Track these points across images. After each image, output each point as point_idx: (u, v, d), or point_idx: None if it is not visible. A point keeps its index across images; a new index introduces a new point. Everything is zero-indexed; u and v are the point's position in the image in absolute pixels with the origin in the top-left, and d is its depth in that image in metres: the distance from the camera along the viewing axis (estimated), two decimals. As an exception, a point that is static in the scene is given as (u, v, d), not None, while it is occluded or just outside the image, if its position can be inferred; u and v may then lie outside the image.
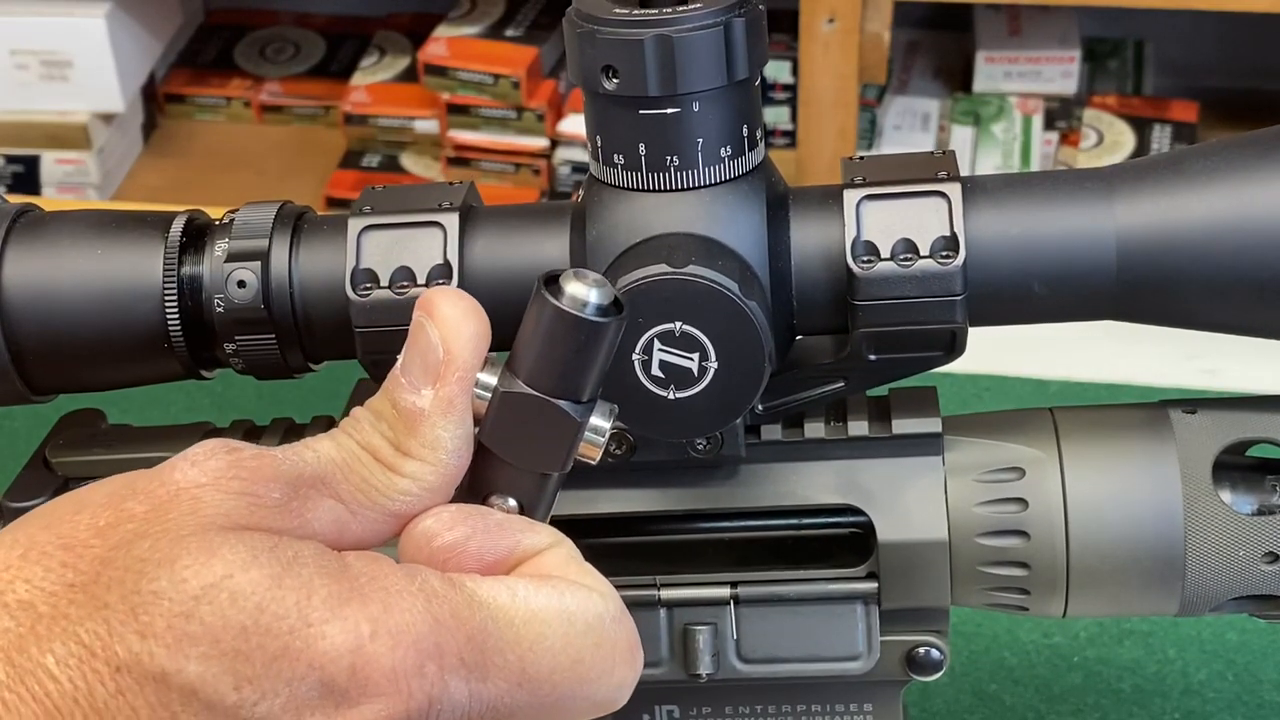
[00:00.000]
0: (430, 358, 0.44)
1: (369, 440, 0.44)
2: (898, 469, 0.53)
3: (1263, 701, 0.75)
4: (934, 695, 0.75)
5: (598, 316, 0.43)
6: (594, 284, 0.43)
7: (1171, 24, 1.96)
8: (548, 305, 0.43)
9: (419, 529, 0.43)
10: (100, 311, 0.52)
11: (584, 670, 0.42)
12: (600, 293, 0.43)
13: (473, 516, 0.44)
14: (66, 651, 0.38)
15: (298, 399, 0.67)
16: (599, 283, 0.43)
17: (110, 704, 0.38)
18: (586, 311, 0.42)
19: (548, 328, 0.43)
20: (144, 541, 0.39)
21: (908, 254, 0.49)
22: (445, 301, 0.44)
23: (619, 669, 0.43)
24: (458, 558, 0.43)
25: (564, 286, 0.43)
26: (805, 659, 0.54)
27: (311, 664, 0.39)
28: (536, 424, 0.44)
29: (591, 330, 0.43)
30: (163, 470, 0.41)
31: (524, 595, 0.42)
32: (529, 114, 1.94)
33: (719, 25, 0.47)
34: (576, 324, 0.43)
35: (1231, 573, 0.52)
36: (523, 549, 0.44)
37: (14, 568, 0.39)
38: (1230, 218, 0.48)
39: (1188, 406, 0.53)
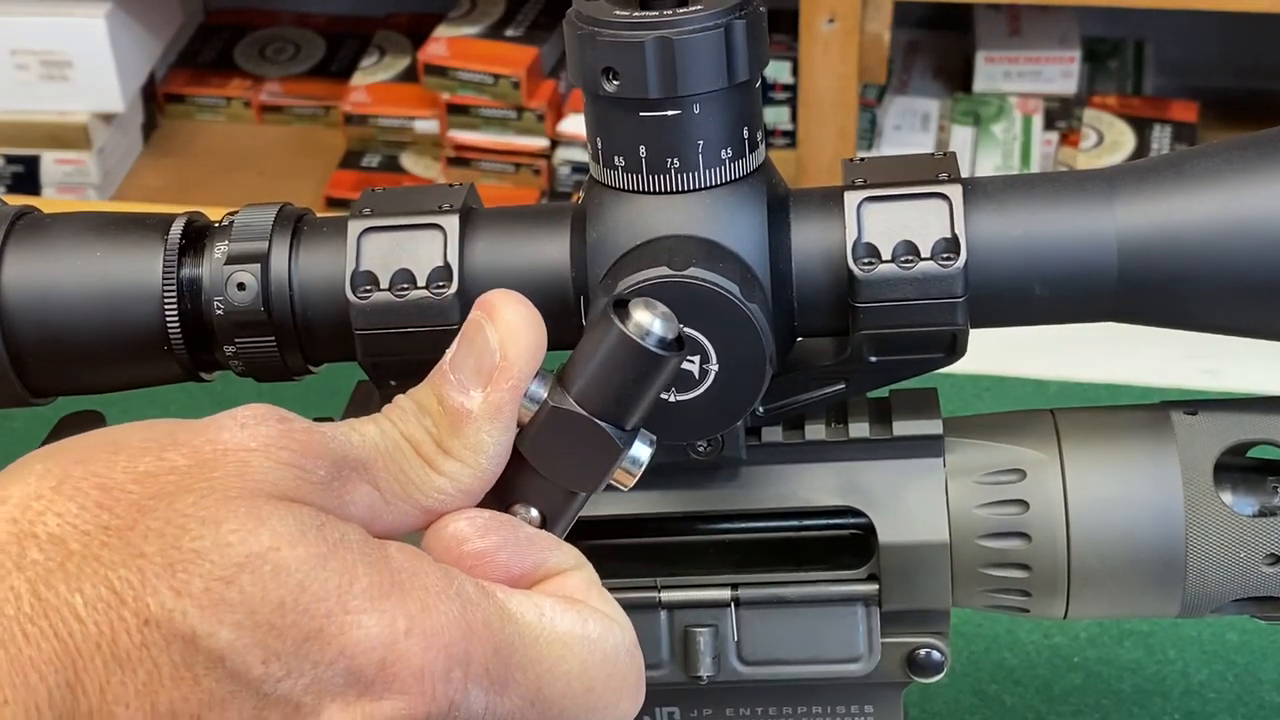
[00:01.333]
0: (486, 361, 0.43)
1: (412, 432, 0.43)
2: (898, 471, 0.53)
3: (1263, 702, 0.75)
4: (935, 696, 0.75)
5: (659, 349, 0.43)
6: (661, 316, 0.43)
7: (1171, 24, 1.96)
8: (614, 329, 0.43)
9: (449, 530, 0.43)
10: (100, 313, 0.52)
11: (594, 699, 0.43)
12: (665, 325, 0.43)
13: (505, 527, 0.44)
14: (95, 594, 0.37)
15: (297, 401, 0.67)
16: (666, 316, 0.43)
17: (132, 655, 0.37)
18: (648, 342, 0.43)
19: (609, 351, 0.43)
20: (188, 496, 0.39)
21: (909, 256, 0.49)
22: (508, 306, 0.44)
23: (624, 702, 0.43)
24: (485, 565, 0.43)
25: (632, 313, 0.43)
26: (806, 661, 0.54)
27: (343, 650, 0.39)
28: (579, 443, 0.44)
29: (653, 361, 0.43)
30: (208, 426, 0.41)
31: (550, 616, 0.42)
32: (529, 114, 1.94)
33: (719, 27, 0.47)
34: (639, 353, 0.43)
35: (1232, 574, 0.52)
36: (548, 567, 0.44)
37: (45, 499, 0.38)
38: (1231, 219, 0.48)
39: (1189, 408, 0.53)
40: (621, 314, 0.43)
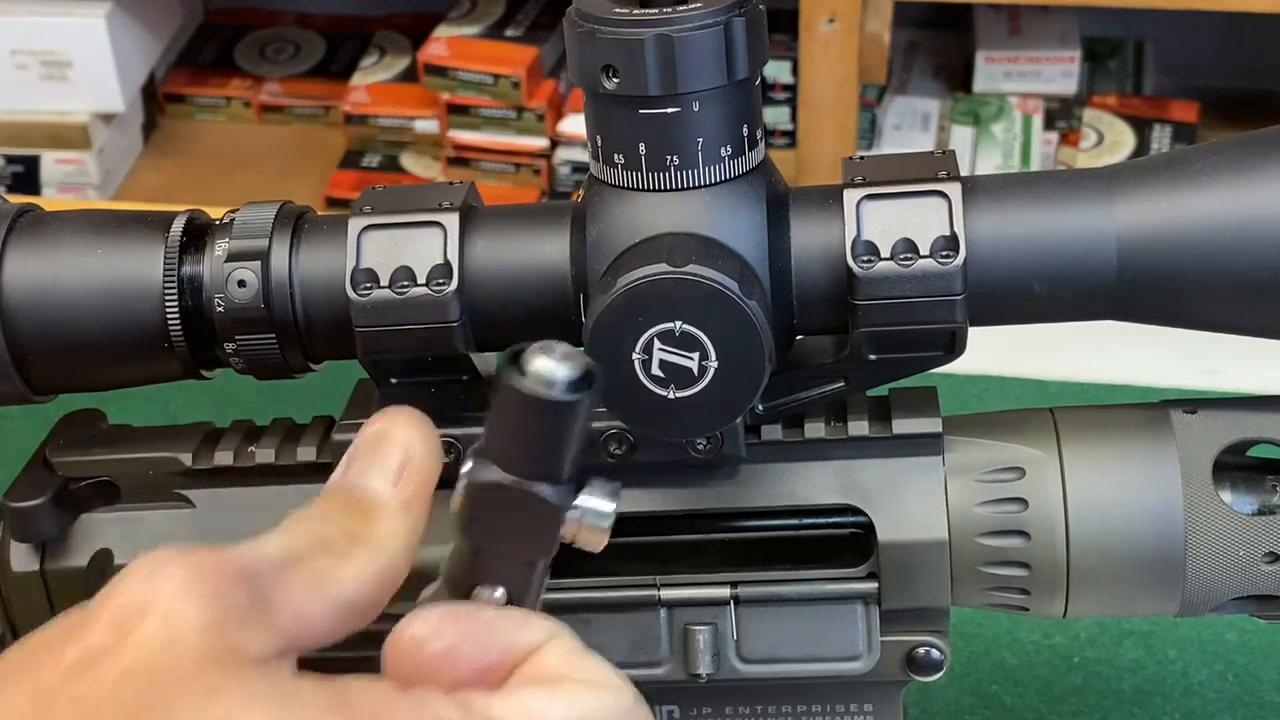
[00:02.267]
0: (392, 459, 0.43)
1: (319, 530, 0.42)
2: (898, 469, 0.53)
3: (1263, 702, 0.75)
4: (934, 696, 0.75)
5: (567, 394, 0.40)
6: (561, 359, 0.41)
7: (1172, 24, 1.96)
8: (514, 389, 0.40)
9: (406, 636, 0.41)
10: (100, 311, 0.52)
11: None
12: (568, 367, 0.41)
13: (461, 619, 0.41)
14: None
15: (298, 398, 0.67)
16: (567, 356, 0.41)
17: None
18: (555, 391, 0.40)
19: (516, 411, 0.41)
20: (127, 681, 0.36)
21: (908, 254, 0.49)
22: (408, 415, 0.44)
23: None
24: (452, 665, 0.41)
25: (529, 364, 0.41)
26: (805, 659, 0.54)
27: None
28: (515, 511, 0.42)
29: (562, 410, 0.40)
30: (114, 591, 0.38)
31: (538, 708, 0.40)
32: (529, 114, 1.94)
33: (719, 25, 0.47)
34: (545, 407, 0.40)
35: (1232, 573, 0.52)
36: (519, 648, 0.41)
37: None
38: (1231, 218, 0.48)
39: (1188, 406, 0.53)
40: (519, 368, 0.41)
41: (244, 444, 0.56)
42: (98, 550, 0.56)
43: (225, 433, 0.57)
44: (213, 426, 0.58)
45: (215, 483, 0.56)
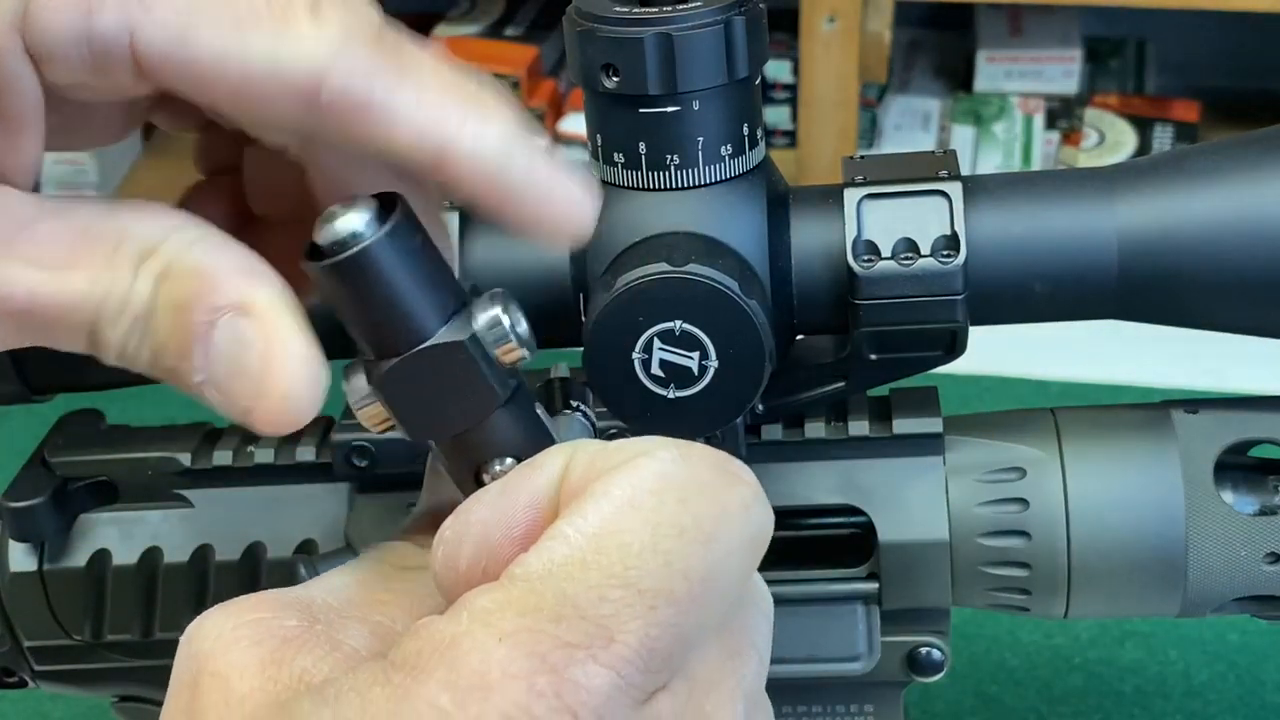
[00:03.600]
0: None
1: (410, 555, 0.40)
2: (898, 469, 0.53)
3: (1265, 703, 0.75)
4: (935, 696, 0.75)
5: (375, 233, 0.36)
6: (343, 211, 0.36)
7: (1173, 24, 1.96)
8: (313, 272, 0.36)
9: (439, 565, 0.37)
10: (99, 311, 0.51)
11: (695, 533, 0.35)
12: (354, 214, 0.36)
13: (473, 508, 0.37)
14: None
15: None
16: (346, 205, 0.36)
17: None
18: (358, 246, 0.36)
19: (336, 293, 0.37)
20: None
21: (908, 253, 0.49)
22: None
23: (726, 496, 0.36)
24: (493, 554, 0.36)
25: (318, 241, 0.36)
26: (806, 659, 0.54)
27: None
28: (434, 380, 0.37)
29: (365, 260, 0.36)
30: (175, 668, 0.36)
31: (575, 531, 0.35)
32: (529, 114, 1.94)
33: (719, 23, 0.47)
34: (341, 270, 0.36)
35: (1233, 573, 0.52)
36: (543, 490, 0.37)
37: None
38: (1232, 217, 0.48)
39: (1189, 407, 0.53)
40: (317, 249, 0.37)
41: (243, 444, 0.56)
42: (96, 550, 0.56)
43: (224, 433, 0.57)
44: (211, 426, 0.58)
45: (214, 483, 0.56)
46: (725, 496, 0.36)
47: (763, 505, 0.37)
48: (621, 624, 0.33)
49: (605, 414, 0.51)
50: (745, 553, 0.36)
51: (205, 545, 0.56)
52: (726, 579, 0.35)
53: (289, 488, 0.55)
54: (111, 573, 0.56)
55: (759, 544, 0.36)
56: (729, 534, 0.35)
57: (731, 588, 0.36)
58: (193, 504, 0.56)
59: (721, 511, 0.35)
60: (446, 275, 0.38)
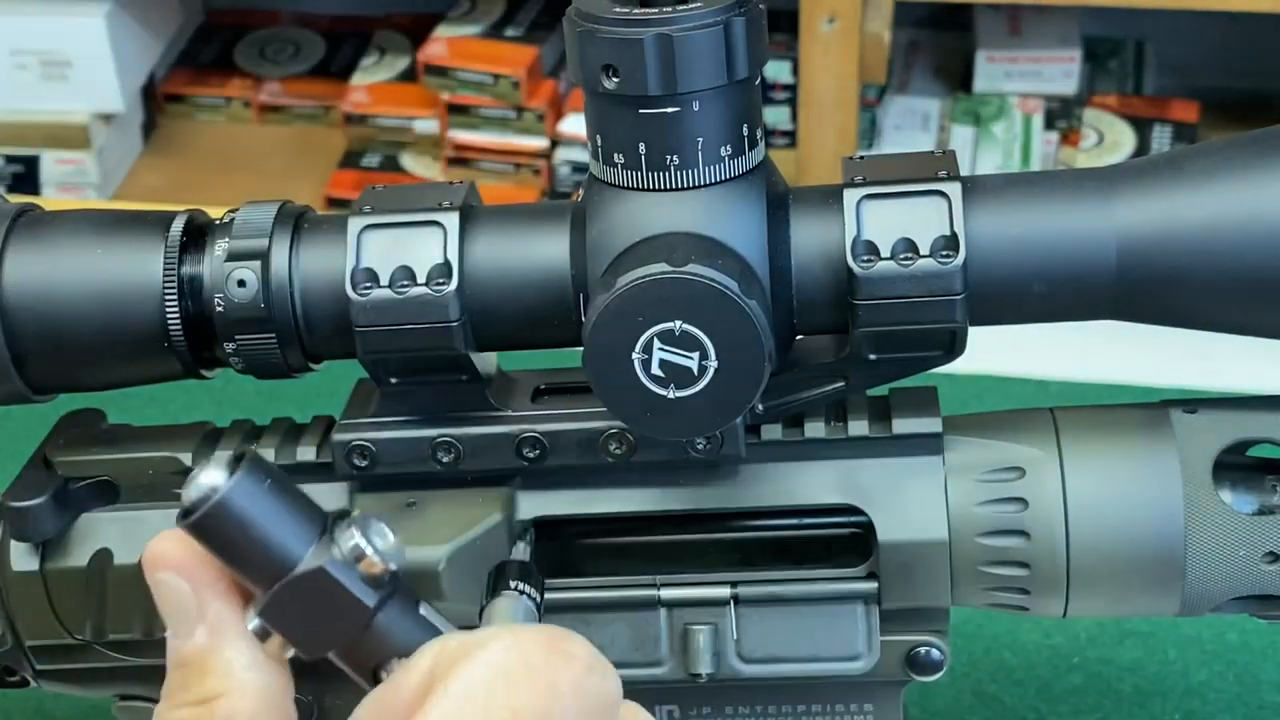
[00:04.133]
0: (182, 601, 0.42)
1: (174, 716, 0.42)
2: (898, 469, 0.53)
3: (1263, 702, 0.75)
4: (934, 695, 0.75)
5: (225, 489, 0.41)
6: (200, 473, 0.41)
7: (1172, 24, 1.96)
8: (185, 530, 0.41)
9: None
10: (100, 311, 0.52)
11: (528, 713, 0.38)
12: (209, 473, 0.41)
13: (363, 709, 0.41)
14: None
15: (298, 398, 0.67)
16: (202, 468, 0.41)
17: None
18: (215, 498, 0.41)
19: (209, 543, 0.42)
20: None
21: (908, 253, 0.49)
22: (161, 544, 0.43)
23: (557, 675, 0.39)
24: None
25: (184, 502, 0.41)
26: (805, 659, 0.54)
27: None
28: (308, 605, 0.42)
29: (221, 510, 0.41)
30: None
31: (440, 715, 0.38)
32: (529, 114, 1.94)
33: (719, 24, 0.47)
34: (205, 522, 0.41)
35: (1232, 572, 0.52)
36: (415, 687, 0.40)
37: None
38: (1230, 217, 0.48)
39: (1188, 406, 0.53)
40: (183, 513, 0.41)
41: (244, 444, 0.56)
42: (97, 550, 0.56)
43: (225, 432, 0.57)
44: (213, 426, 0.58)
45: (215, 482, 0.56)
46: (555, 676, 0.39)
47: (599, 674, 0.39)
48: None
49: (605, 413, 0.51)
50: (589, 714, 0.39)
51: (206, 545, 0.56)
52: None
53: (290, 487, 0.55)
54: (113, 572, 0.56)
55: (601, 707, 0.39)
56: (562, 710, 0.38)
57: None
58: (194, 503, 0.56)
59: (550, 690, 0.38)
60: (303, 507, 0.42)
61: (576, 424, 0.53)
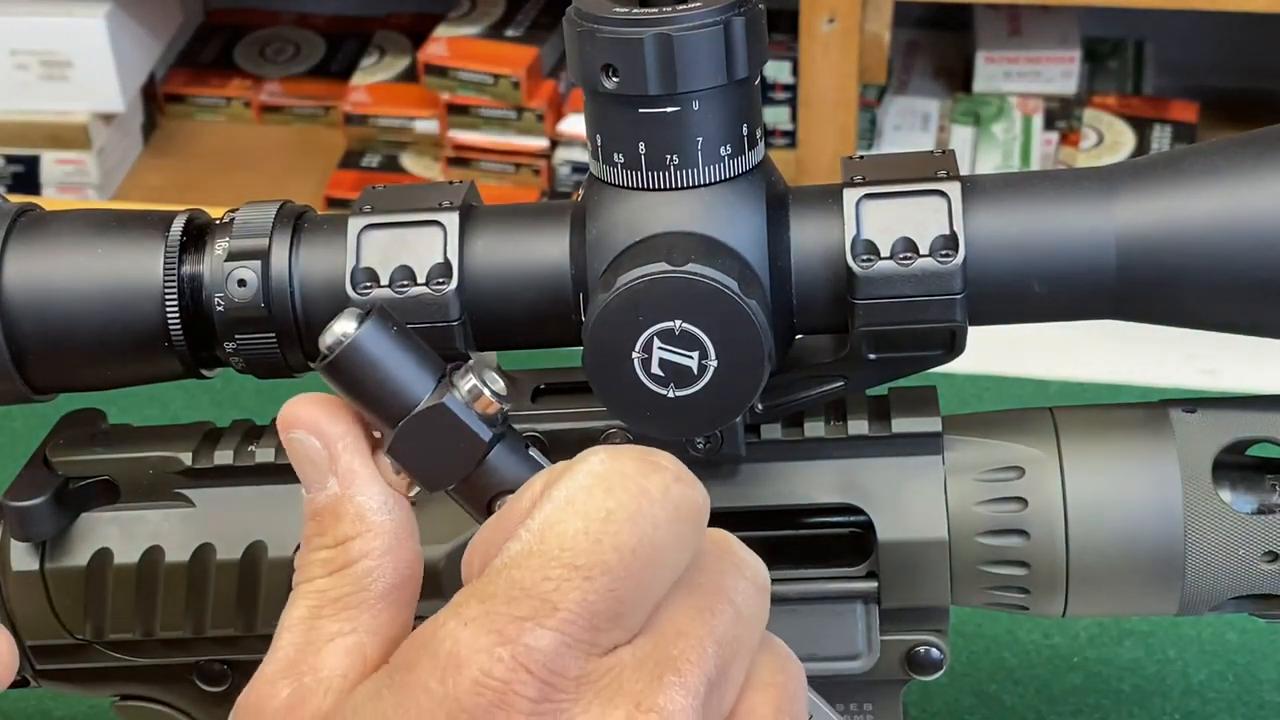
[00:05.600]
0: (314, 456, 0.46)
1: (311, 569, 0.45)
2: (897, 468, 0.53)
3: (1263, 702, 0.75)
4: (934, 695, 0.75)
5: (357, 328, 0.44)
6: (332, 323, 0.44)
7: (1172, 24, 1.96)
8: (322, 373, 0.45)
9: (462, 574, 0.44)
10: (101, 311, 0.52)
11: (620, 514, 0.41)
12: (341, 323, 0.44)
13: (482, 529, 0.44)
14: None
15: (298, 398, 0.67)
16: (335, 319, 0.45)
17: None
18: (346, 342, 0.44)
19: (341, 386, 0.45)
20: None
21: (907, 253, 0.49)
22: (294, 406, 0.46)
23: (647, 482, 0.41)
24: None
25: (321, 348, 0.45)
26: (805, 658, 0.54)
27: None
28: (429, 441, 0.45)
29: (352, 353, 0.44)
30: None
31: (526, 529, 0.41)
32: (529, 114, 1.94)
33: (719, 24, 0.47)
34: (338, 364, 0.44)
35: (1231, 572, 0.52)
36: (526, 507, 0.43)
37: None
38: (1230, 217, 0.48)
39: (1188, 406, 0.53)
40: (319, 356, 0.45)
41: (244, 443, 0.56)
42: (98, 549, 0.56)
43: (225, 432, 0.57)
44: (213, 426, 0.58)
45: (215, 482, 0.56)
46: (645, 482, 0.41)
47: (684, 483, 0.42)
48: (562, 596, 0.40)
49: (605, 413, 0.51)
50: (674, 523, 0.41)
51: (206, 544, 0.56)
52: (658, 547, 0.41)
53: (290, 487, 0.55)
54: (112, 572, 0.56)
55: (686, 514, 0.42)
56: (652, 511, 0.41)
57: (666, 553, 0.41)
58: (194, 503, 0.56)
59: (642, 493, 0.41)
60: (425, 354, 0.45)
61: (576, 424, 0.53)
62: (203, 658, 0.57)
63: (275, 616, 0.55)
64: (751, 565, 0.44)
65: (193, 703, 0.59)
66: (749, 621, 0.43)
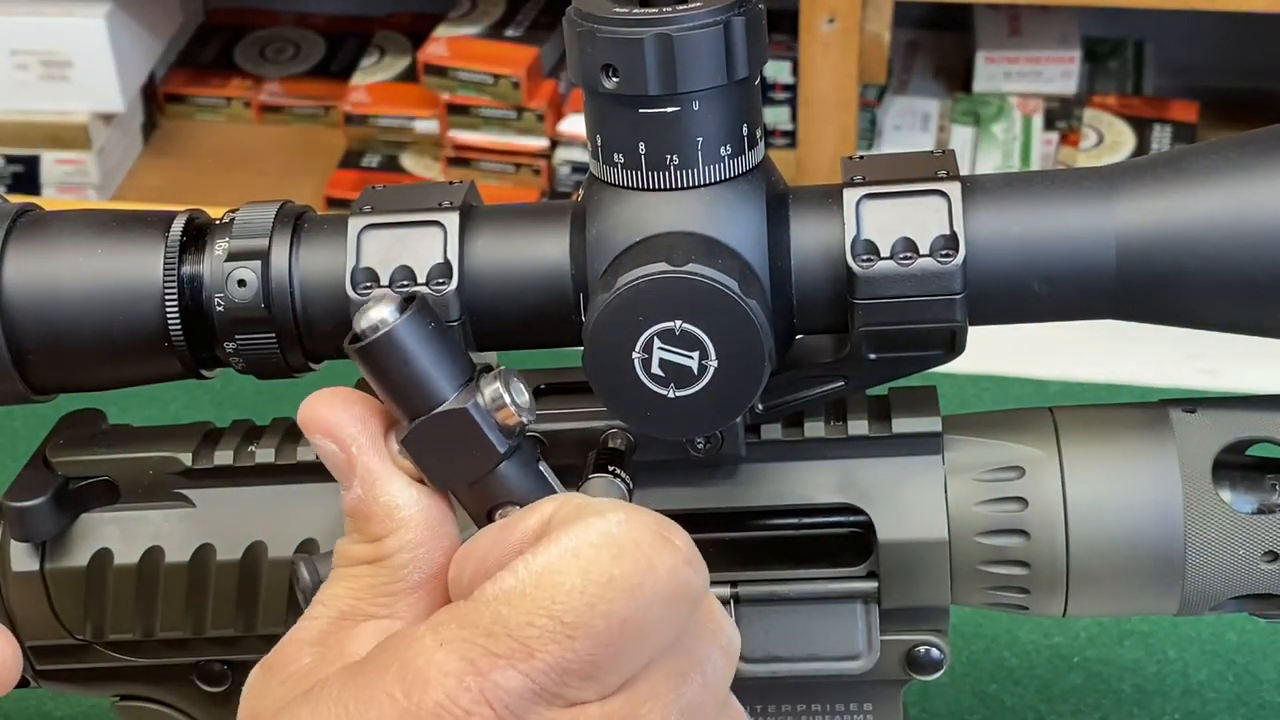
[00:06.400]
0: (336, 460, 0.47)
1: (351, 555, 0.47)
2: (898, 468, 0.53)
3: (1263, 702, 0.75)
4: (934, 695, 0.75)
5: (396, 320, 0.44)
6: (373, 304, 0.44)
7: (1171, 24, 1.96)
8: (351, 353, 0.45)
9: (451, 579, 0.45)
10: (100, 311, 0.52)
11: (621, 583, 0.41)
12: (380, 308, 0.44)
13: (481, 537, 0.45)
14: None
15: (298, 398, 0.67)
16: (376, 300, 0.45)
17: None
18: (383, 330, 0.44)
19: (368, 369, 0.45)
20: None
21: (907, 253, 0.49)
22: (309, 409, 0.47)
23: (657, 558, 0.42)
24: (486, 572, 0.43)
25: (355, 328, 0.45)
26: (805, 658, 0.54)
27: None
28: (444, 441, 0.45)
29: (388, 342, 0.44)
30: None
31: (524, 565, 0.42)
32: (529, 114, 1.94)
33: (719, 24, 0.47)
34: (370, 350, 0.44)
35: (1231, 571, 0.52)
36: (532, 530, 0.44)
37: None
38: (1230, 217, 0.48)
39: (1188, 406, 0.53)
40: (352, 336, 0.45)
41: (244, 444, 0.56)
42: (98, 550, 0.56)
43: (225, 433, 0.57)
44: (212, 426, 0.58)
45: (215, 482, 0.56)
46: (655, 558, 0.42)
47: (692, 568, 0.42)
48: (542, 645, 0.41)
49: (605, 413, 0.51)
50: (670, 604, 0.42)
51: (206, 545, 0.56)
52: (652, 623, 0.41)
53: (290, 487, 0.56)
54: (113, 572, 0.56)
55: (685, 598, 0.42)
56: (654, 589, 0.41)
57: (660, 631, 0.42)
58: (194, 504, 0.56)
59: (648, 569, 0.41)
60: (457, 354, 0.45)
61: (576, 424, 0.53)
62: (203, 658, 0.57)
63: (275, 617, 0.56)
64: (726, 633, 0.45)
65: (193, 703, 0.59)
66: (714, 689, 0.44)
